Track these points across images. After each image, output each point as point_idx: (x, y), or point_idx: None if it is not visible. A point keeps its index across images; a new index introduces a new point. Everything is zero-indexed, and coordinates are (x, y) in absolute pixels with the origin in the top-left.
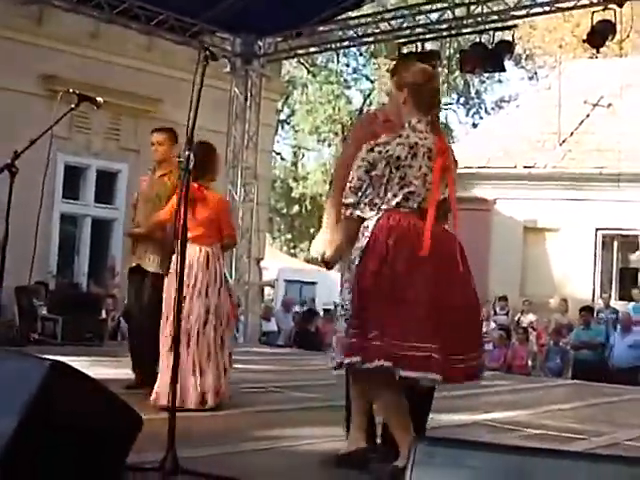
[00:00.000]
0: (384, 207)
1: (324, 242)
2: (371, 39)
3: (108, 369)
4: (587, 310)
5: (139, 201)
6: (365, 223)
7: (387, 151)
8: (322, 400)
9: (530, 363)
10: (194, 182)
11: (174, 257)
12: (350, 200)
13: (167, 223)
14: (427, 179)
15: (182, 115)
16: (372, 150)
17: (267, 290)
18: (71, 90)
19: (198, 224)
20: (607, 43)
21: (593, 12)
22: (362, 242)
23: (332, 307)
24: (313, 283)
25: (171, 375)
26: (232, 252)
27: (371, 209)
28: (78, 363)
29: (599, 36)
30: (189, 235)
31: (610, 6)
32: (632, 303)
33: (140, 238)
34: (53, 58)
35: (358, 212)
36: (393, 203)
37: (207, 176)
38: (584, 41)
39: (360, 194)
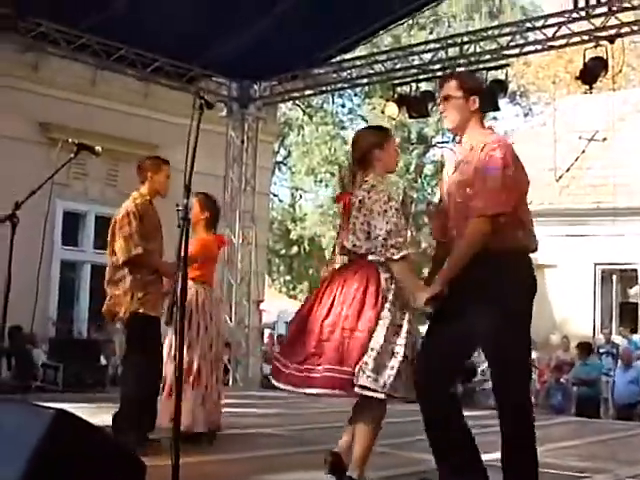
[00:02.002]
0: None
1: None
2: (365, 80)
3: (111, 416)
4: (582, 346)
5: (148, 226)
6: None
7: None
8: (325, 443)
9: (533, 401)
10: (212, 233)
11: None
12: None
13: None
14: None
15: (179, 160)
16: None
17: (267, 332)
18: (70, 140)
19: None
20: (600, 79)
21: (585, 49)
22: None
23: None
24: None
25: (174, 419)
26: (232, 295)
27: None
28: (81, 410)
29: (591, 73)
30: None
31: (601, 43)
32: (629, 337)
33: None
34: (51, 105)
35: None
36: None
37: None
38: (577, 78)
39: None
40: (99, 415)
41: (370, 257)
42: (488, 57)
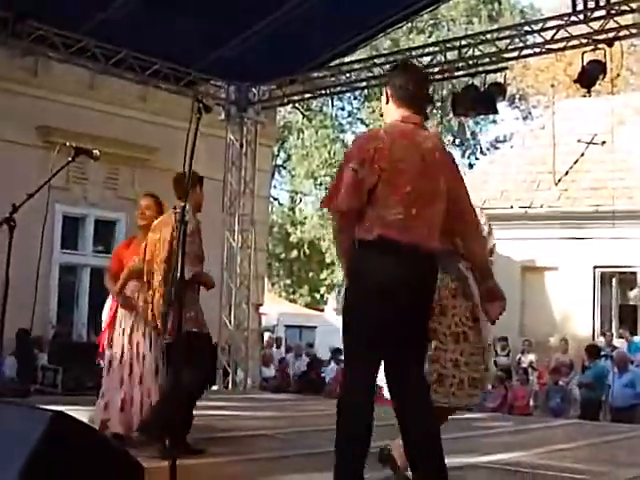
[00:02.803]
0: None
1: None
2: (364, 84)
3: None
4: (589, 349)
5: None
6: None
7: None
8: (322, 446)
9: (532, 403)
10: None
11: None
12: None
13: None
14: None
15: (178, 163)
16: None
17: (267, 335)
18: (67, 143)
19: None
20: (598, 82)
21: (583, 52)
22: None
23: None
24: (313, 327)
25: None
26: (231, 298)
27: None
28: (79, 413)
29: (589, 76)
30: None
31: (600, 46)
32: (630, 338)
33: None
34: (50, 109)
35: None
36: None
37: None
38: (575, 81)
39: None
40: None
41: None
42: (487, 60)
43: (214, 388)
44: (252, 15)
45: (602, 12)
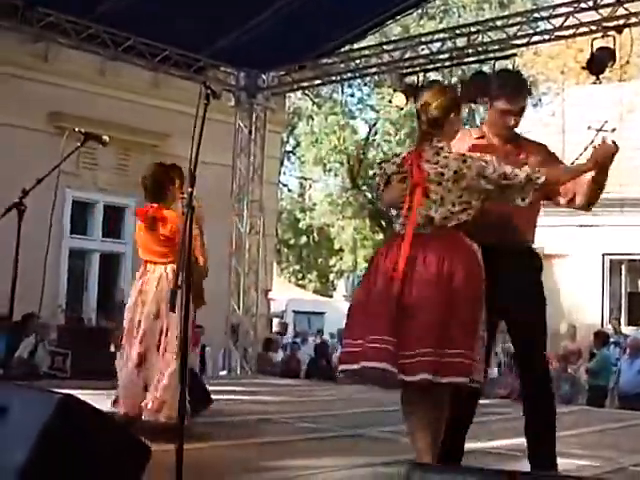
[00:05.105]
0: None
1: None
2: (374, 70)
3: None
4: (596, 335)
5: None
6: None
7: None
8: (329, 430)
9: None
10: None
11: None
12: None
13: None
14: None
15: (189, 149)
16: None
17: (276, 321)
18: (77, 129)
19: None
20: (608, 69)
21: (593, 39)
22: None
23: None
24: (322, 313)
25: (179, 408)
26: (239, 284)
27: None
28: (88, 397)
29: (599, 63)
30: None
31: (610, 33)
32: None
33: None
34: (60, 95)
35: None
36: None
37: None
38: (583, 68)
39: None
40: (107, 402)
41: None
42: (496, 47)
43: (222, 373)
44: (262, 1)
45: None
